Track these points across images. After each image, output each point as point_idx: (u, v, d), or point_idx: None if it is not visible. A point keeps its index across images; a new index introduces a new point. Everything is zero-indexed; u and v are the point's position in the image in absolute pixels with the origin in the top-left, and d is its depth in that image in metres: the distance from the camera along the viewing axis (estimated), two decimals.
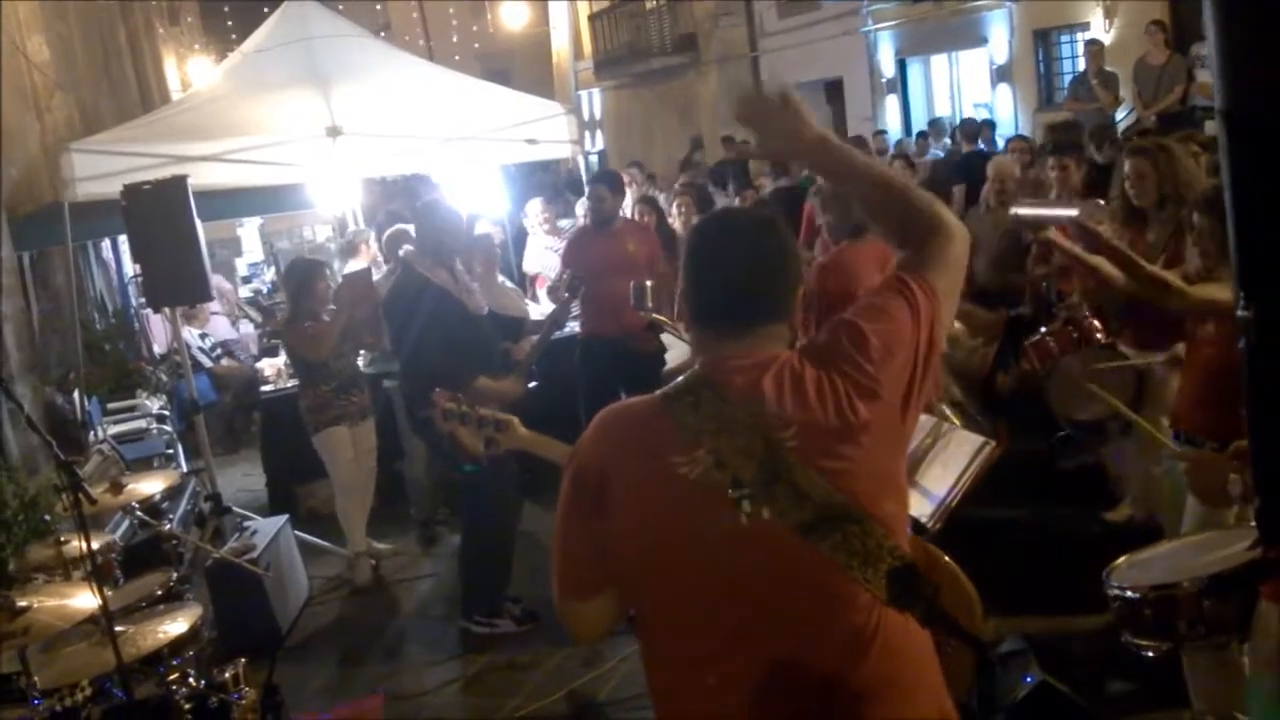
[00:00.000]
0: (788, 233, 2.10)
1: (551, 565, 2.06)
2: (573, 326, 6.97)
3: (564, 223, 9.43)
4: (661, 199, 9.60)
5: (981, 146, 11.22)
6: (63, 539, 4.21)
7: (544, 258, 8.65)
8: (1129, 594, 2.76)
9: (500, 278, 7.60)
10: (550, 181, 14.46)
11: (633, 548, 1.97)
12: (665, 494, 1.92)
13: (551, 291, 7.01)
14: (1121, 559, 2.99)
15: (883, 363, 1.94)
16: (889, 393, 1.94)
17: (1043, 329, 5.31)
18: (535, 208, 9.09)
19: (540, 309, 7.95)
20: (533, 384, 5.40)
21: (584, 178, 9.33)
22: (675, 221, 7.90)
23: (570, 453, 2.10)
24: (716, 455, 1.90)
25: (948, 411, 3.70)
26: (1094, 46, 11.46)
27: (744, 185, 11.35)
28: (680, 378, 2.02)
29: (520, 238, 9.65)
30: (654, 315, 5.58)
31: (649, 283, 5.60)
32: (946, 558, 2.40)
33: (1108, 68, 11.08)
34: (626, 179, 9.22)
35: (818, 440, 1.90)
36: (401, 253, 5.65)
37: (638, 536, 1.96)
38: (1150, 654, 2.75)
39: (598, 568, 2.00)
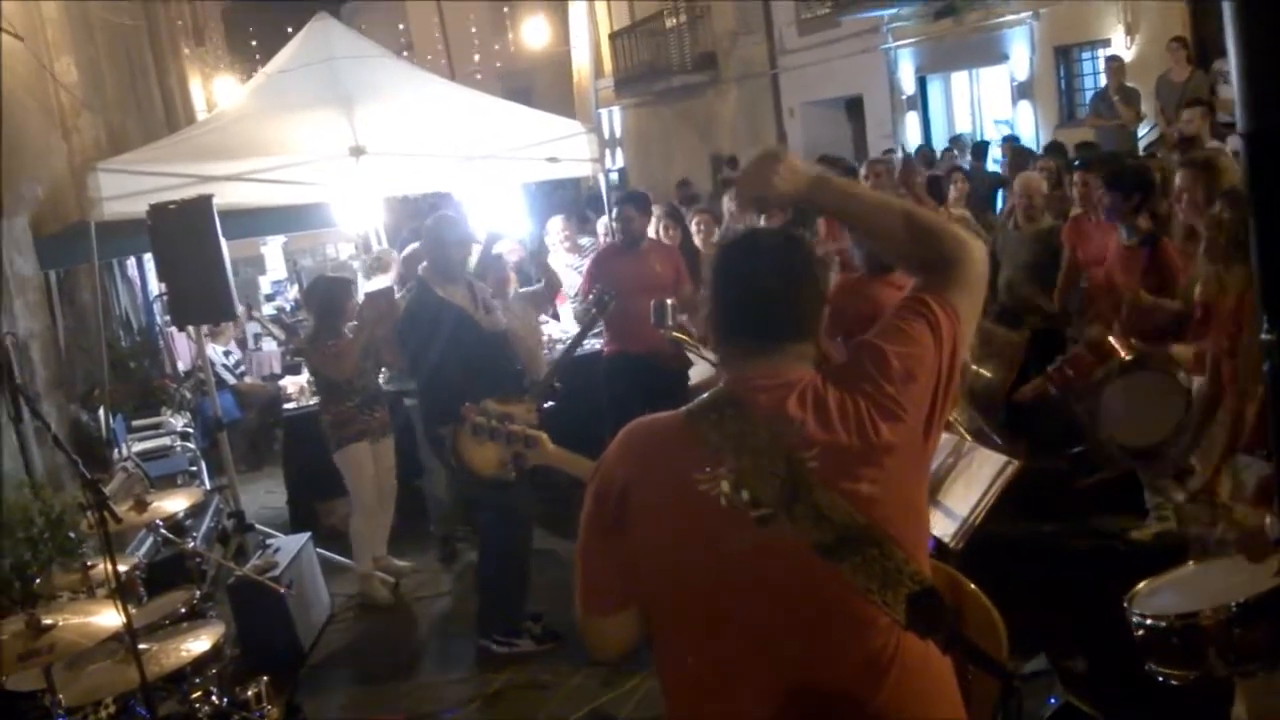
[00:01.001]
0: (813, 251, 2.10)
1: (574, 580, 2.06)
2: (593, 344, 6.99)
3: (584, 240, 9.45)
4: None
5: (939, 173, 11.13)
6: (90, 564, 4.24)
7: (565, 275, 8.67)
8: (1153, 623, 2.71)
9: (513, 289, 7.57)
10: (571, 198, 14.49)
11: (653, 564, 1.97)
12: (686, 510, 1.92)
13: (580, 315, 7.04)
14: (1141, 584, 2.94)
15: (905, 385, 1.94)
16: (911, 416, 1.94)
17: (1060, 358, 5.31)
18: (556, 225, 9.11)
19: (560, 325, 7.97)
20: (549, 404, 5.40)
21: (604, 196, 9.36)
22: (696, 239, 7.92)
23: (594, 467, 2.10)
24: (738, 473, 1.90)
25: (967, 436, 3.68)
26: (1115, 63, 11.42)
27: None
28: (706, 394, 2.02)
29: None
30: (674, 333, 5.59)
31: (670, 301, 5.62)
32: (972, 585, 2.38)
33: (1129, 84, 11.04)
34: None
35: (840, 462, 1.89)
36: (420, 271, 5.67)
37: (658, 552, 1.96)
38: (1176, 683, 2.69)
39: (620, 583, 2.01)
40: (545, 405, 5.36)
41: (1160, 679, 2.71)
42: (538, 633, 5.41)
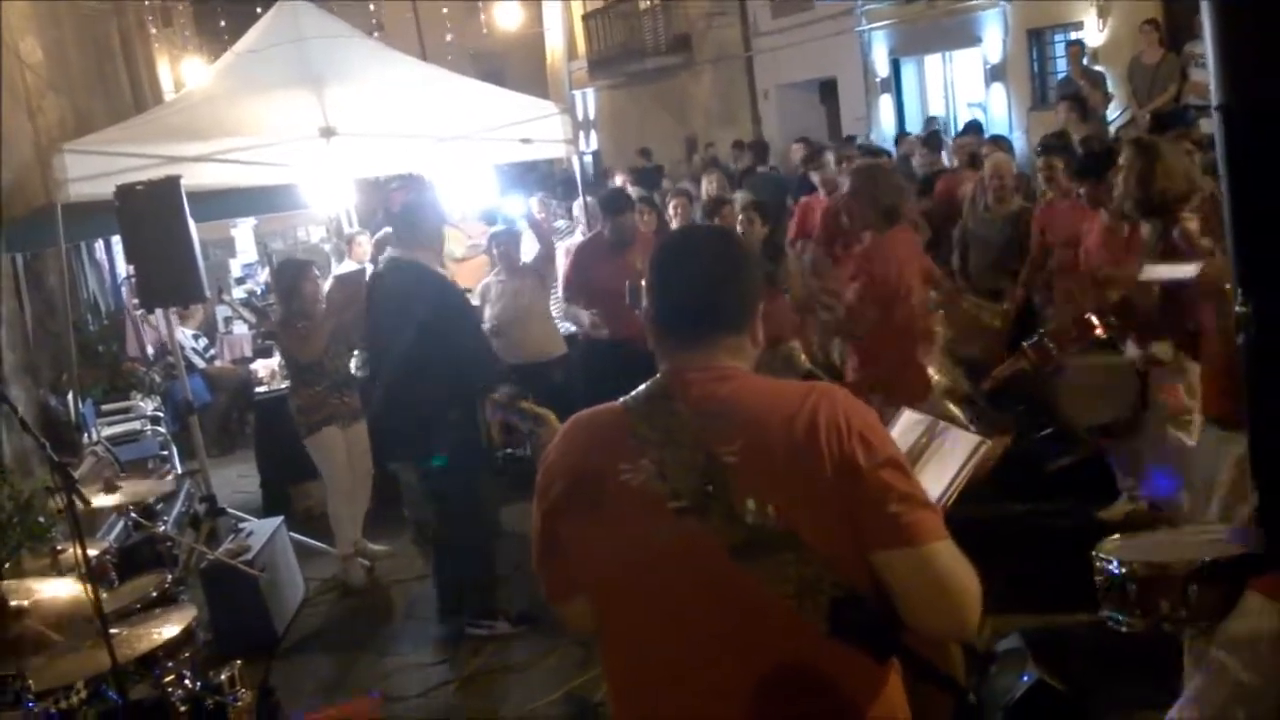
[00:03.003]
0: (747, 247, 2.12)
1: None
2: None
3: (560, 224, 9.41)
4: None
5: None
6: (59, 548, 4.19)
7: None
8: (1115, 568, 2.79)
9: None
10: (537, 179, 14.41)
11: (587, 555, 1.98)
12: (611, 500, 1.92)
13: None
14: (1116, 536, 3.02)
15: (841, 463, 1.82)
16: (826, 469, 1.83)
17: (1040, 330, 5.33)
18: (534, 207, 9.07)
19: None
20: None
21: (578, 178, 9.32)
22: (673, 224, 7.92)
23: (542, 457, 2.11)
24: (660, 465, 1.88)
25: (953, 409, 3.67)
26: (1073, 48, 11.47)
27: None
28: (642, 386, 2.02)
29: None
30: None
31: (644, 282, 5.59)
32: None
33: (1098, 67, 11.08)
34: (620, 180, 9.18)
35: (761, 461, 1.85)
36: (412, 253, 5.44)
37: (590, 544, 1.97)
38: (1125, 629, 2.77)
39: (568, 572, 2.03)
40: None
41: (1111, 624, 2.79)
42: (514, 615, 5.41)
